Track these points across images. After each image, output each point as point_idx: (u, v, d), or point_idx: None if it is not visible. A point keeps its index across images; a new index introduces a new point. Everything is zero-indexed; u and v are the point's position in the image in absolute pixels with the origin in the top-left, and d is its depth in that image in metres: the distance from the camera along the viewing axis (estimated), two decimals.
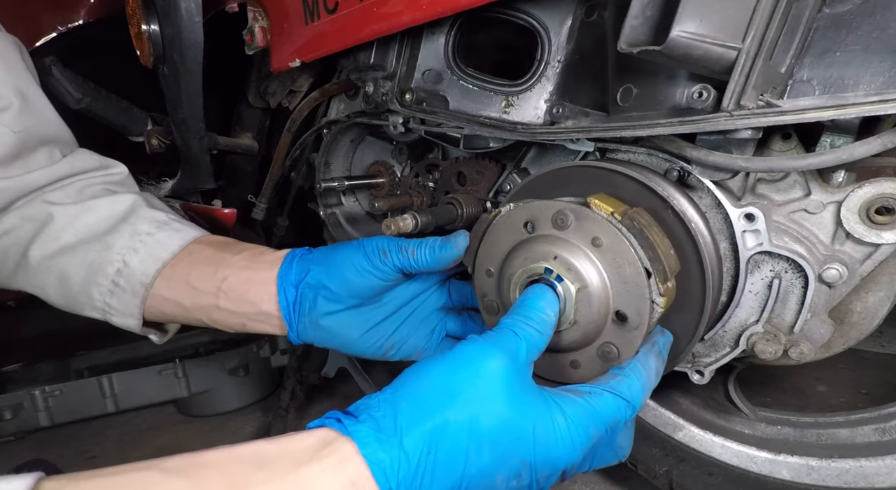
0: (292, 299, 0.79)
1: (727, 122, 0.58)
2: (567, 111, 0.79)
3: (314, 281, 0.78)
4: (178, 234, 0.85)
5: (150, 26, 1.02)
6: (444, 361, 0.55)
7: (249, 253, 0.83)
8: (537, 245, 0.66)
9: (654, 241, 0.60)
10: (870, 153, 0.58)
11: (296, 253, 0.81)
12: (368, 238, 0.78)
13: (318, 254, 0.80)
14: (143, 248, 0.82)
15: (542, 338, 0.60)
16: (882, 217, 0.65)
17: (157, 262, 0.82)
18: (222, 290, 0.80)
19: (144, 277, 0.81)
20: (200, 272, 0.81)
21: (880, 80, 0.56)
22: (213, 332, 1.80)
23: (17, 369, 1.56)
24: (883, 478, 0.74)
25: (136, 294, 0.82)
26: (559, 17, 0.80)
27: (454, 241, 0.73)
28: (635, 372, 0.62)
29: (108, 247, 0.82)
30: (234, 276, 0.80)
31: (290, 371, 1.42)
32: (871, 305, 0.73)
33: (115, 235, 0.83)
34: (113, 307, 0.83)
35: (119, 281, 0.82)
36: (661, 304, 0.61)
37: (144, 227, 0.84)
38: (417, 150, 1.14)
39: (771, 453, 0.83)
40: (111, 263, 0.82)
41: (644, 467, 0.93)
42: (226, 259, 0.82)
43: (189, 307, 0.83)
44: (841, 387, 1.41)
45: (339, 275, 0.77)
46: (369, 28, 0.83)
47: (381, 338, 0.82)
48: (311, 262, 0.79)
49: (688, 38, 0.53)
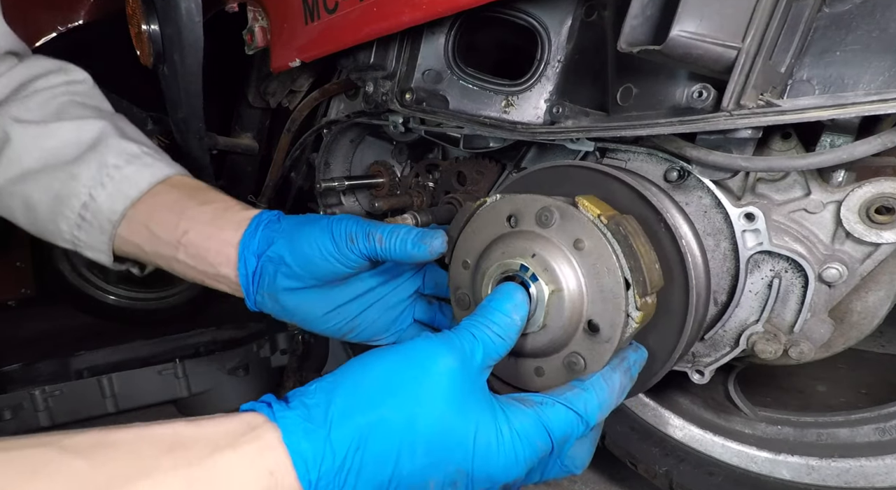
0: (252, 269, 0.75)
1: (727, 122, 0.58)
2: (567, 111, 0.79)
3: (276, 255, 0.73)
4: (149, 169, 0.80)
5: (150, 26, 1.03)
6: (391, 355, 0.53)
7: (215, 207, 0.78)
8: (517, 240, 0.63)
9: (638, 252, 0.57)
10: (870, 153, 0.58)
11: (262, 218, 0.76)
12: (339, 218, 0.72)
13: (286, 224, 0.74)
14: (110, 183, 0.77)
15: (504, 344, 0.57)
16: (882, 216, 0.65)
17: (124, 200, 0.77)
18: (182, 243, 0.76)
19: (112, 214, 0.77)
20: (161, 219, 0.77)
21: (880, 80, 0.56)
22: (213, 331, 1.80)
23: (17, 369, 1.56)
24: (883, 477, 0.74)
25: (104, 231, 0.78)
26: (559, 16, 0.81)
27: (429, 243, 0.67)
28: (595, 387, 0.58)
29: (74, 177, 0.77)
30: (195, 231, 0.76)
31: (290, 371, 1.42)
32: (871, 305, 0.73)
33: (81, 166, 0.78)
34: (81, 241, 0.80)
35: (86, 215, 0.78)
36: (637, 319, 0.58)
37: (113, 159, 0.79)
38: (417, 150, 1.14)
39: (771, 453, 0.83)
40: (77, 196, 0.77)
41: (644, 467, 0.93)
42: (189, 209, 0.77)
43: (149, 252, 0.79)
44: (841, 387, 1.41)
45: (303, 255, 0.71)
46: (369, 28, 0.83)
47: (342, 320, 0.78)
48: (277, 234, 0.74)
49: (687, 37, 0.53)
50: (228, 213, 0.77)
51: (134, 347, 1.72)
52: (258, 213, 0.77)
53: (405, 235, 0.68)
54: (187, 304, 2.56)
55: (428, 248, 0.67)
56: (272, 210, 0.78)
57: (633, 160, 0.76)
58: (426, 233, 0.68)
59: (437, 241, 0.68)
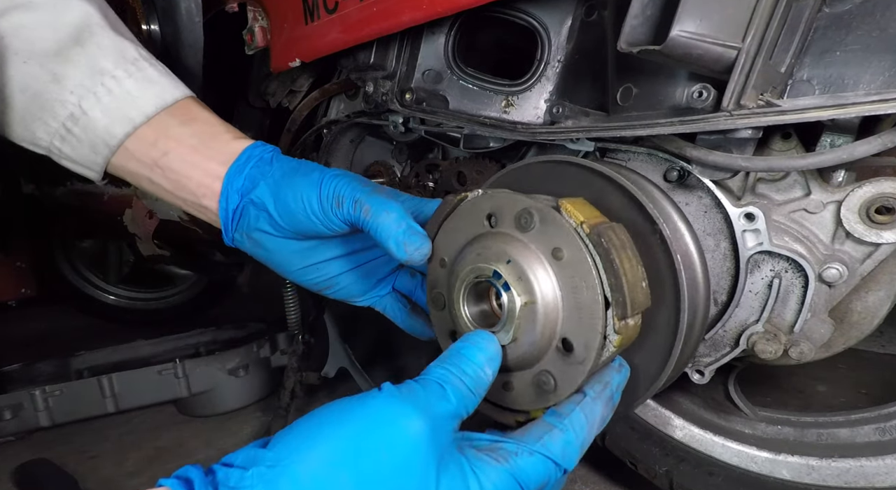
0: (233, 207, 0.69)
1: (727, 122, 0.58)
2: (567, 111, 0.79)
3: (258, 201, 0.68)
4: (154, 88, 0.69)
5: (150, 26, 1.03)
6: (348, 424, 0.44)
7: (200, 129, 0.70)
8: (495, 243, 0.58)
9: (621, 268, 0.51)
10: (870, 153, 0.58)
11: (252, 155, 0.69)
12: (333, 175, 0.66)
13: (277, 168, 0.68)
14: (107, 99, 0.67)
15: (474, 400, 0.51)
16: (882, 216, 0.65)
17: (126, 124, 0.67)
18: (160, 166, 0.69)
19: (110, 138, 0.68)
20: (139, 135, 0.68)
21: (880, 80, 0.56)
22: (213, 331, 1.80)
23: (17, 369, 1.56)
24: (883, 477, 0.74)
25: (97, 152, 0.69)
26: (559, 16, 0.81)
27: (410, 252, 0.60)
28: (575, 426, 0.53)
29: (58, 79, 0.65)
30: (176, 156, 0.68)
31: (290, 371, 1.42)
32: (871, 305, 0.73)
33: (65, 64, 0.66)
34: (64, 153, 0.70)
35: (73, 129, 0.67)
36: (615, 342, 0.52)
37: (108, 64, 0.67)
38: (417, 150, 1.14)
39: (771, 453, 0.83)
40: (62, 104, 0.66)
41: (644, 467, 0.93)
42: (171, 127, 0.69)
43: (116, 165, 0.71)
44: (841, 387, 1.41)
45: (286, 207, 0.66)
46: (369, 28, 0.83)
47: (319, 277, 0.74)
48: (264, 177, 0.68)
49: (688, 37, 0.53)
50: (217, 139, 0.70)
51: (134, 347, 1.72)
52: (250, 146, 0.70)
53: (393, 225, 0.61)
54: (187, 304, 2.57)
55: (407, 256, 0.61)
56: (266, 145, 0.72)
57: (633, 160, 0.76)
58: (413, 234, 0.61)
59: (419, 251, 0.61)
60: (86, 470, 1.35)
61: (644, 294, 0.54)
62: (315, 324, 1.42)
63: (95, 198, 1.78)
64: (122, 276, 2.50)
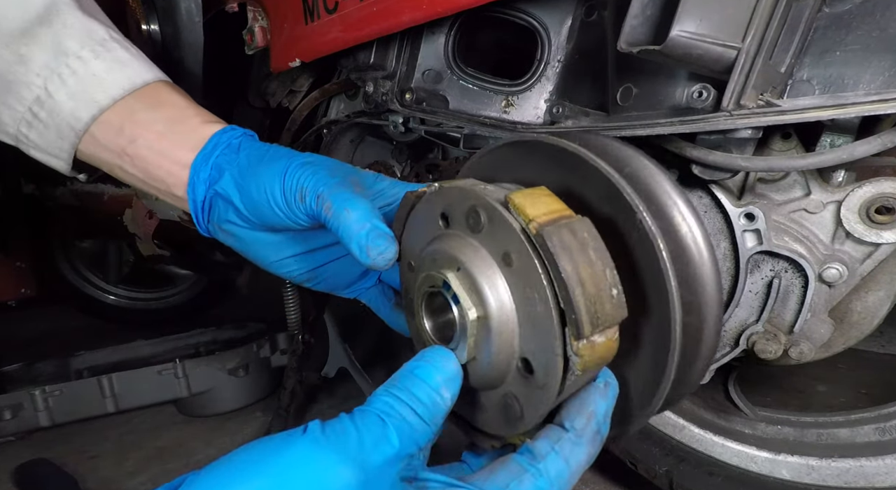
0: (200, 198, 0.66)
1: (727, 122, 0.58)
2: (567, 111, 0.79)
3: (223, 192, 0.63)
4: (124, 70, 0.66)
5: (150, 26, 1.03)
6: (256, 475, 0.37)
7: (168, 114, 0.66)
8: (448, 246, 0.50)
9: (576, 276, 0.41)
10: (870, 153, 0.58)
11: (220, 141, 0.65)
12: (299, 164, 0.60)
13: (244, 157, 0.63)
14: (72, 80, 0.63)
15: (428, 431, 0.43)
16: (882, 216, 0.65)
17: (92, 107, 0.64)
18: (128, 153, 0.65)
19: (75, 122, 0.64)
20: (104, 120, 0.65)
21: (880, 80, 0.56)
22: (213, 331, 1.80)
23: (17, 369, 1.56)
24: (883, 477, 0.74)
25: (64, 137, 0.65)
26: (559, 16, 0.81)
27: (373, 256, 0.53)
28: (551, 472, 0.44)
29: (24, 61, 0.62)
30: (144, 143, 0.65)
31: (290, 371, 1.42)
32: (871, 305, 0.73)
33: (31, 45, 0.62)
34: (31, 141, 0.67)
35: (39, 113, 0.64)
36: (579, 365, 0.42)
37: (73, 44, 0.64)
38: (417, 150, 1.14)
39: (771, 453, 0.83)
40: (28, 87, 0.63)
41: (644, 467, 0.93)
42: (137, 113, 0.65)
43: (86, 153, 0.68)
44: (841, 387, 1.41)
45: (251, 199, 0.61)
46: (369, 28, 0.83)
47: (298, 269, 0.69)
48: (230, 166, 0.63)
49: (687, 37, 0.53)
50: (184, 126, 0.66)
51: (134, 347, 1.72)
52: (219, 131, 0.66)
53: (355, 225, 0.54)
54: (187, 304, 2.57)
55: (370, 261, 0.53)
56: (238, 128, 0.67)
57: None
58: (377, 237, 0.53)
59: (383, 256, 0.53)
60: (86, 470, 1.35)
61: (615, 304, 0.43)
62: (315, 324, 1.42)
63: (95, 198, 1.78)
64: (122, 276, 2.50)
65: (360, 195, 0.57)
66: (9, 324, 2.48)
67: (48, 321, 2.53)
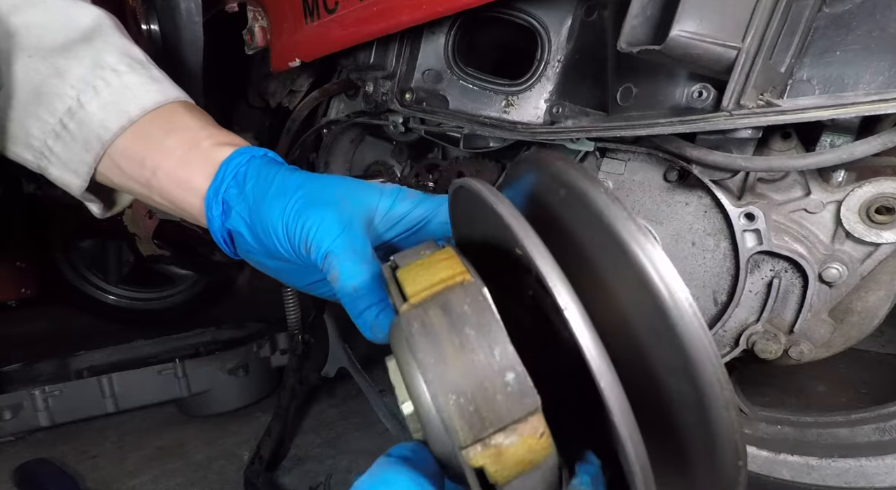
0: (219, 234, 0.63)
1: (727, 122, 0.58)
2: (567, 111, 0.79)
3: (235, 231, 0.61)
4: (157, 85, 0.65)
5: (149, 26, 1.03)
6: None
7: (182, 141, 0.64)
8: None
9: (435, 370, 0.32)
10: (870, 152, 0.58)
11: (227, 172, 0.61)
12: (295, 207, 0.55)
13: (249, 191, 0.59)
14: (106, 92, 0.63)
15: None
16: (882, 216, 0.65)
17: (121, 117, 0.62)
18: (154, 186, 0.64)
19: (104, 132, 0.62)
20: (126, 152, 0.64)
21: (880, 80, 0.56)
22: (213, 331, 1.80)
23: (17, 369, 1.56)
24: (883, 477, 0.74)
25: (90, 148, 0.63)
26: (559, 16, 0.81)
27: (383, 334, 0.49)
28: None
29: (60, 73, 0.62)
30: (164, 174, 0.63)
31: (290, 371, 1.42)
32: (871, 305, 0.73)
33: (70, 59, 0.62)
34: (55, 154, 0.65)
35: (69, 124, 0.63)
36: (494, 476, 0.32)
37: (112, 59, 0.64)
38: (417, 150, 1.14)
39: (771, 453, 0.83)
40: (61, 98, 0.62)
41: None
42: (153, 140, 0.63)
43: (121, 186, 0.67)
44: (841, 387, 1.41)
45: (260, 241, 0.59)
46: (369, 28, 0.83)
47: (331, 292, 0.62)
48: (236, 204, 0.60)
49: (687, 37, 0.53)
50: (197, 152, 0.64)
51: (134, 347, 1.72)
52: (225, 160, 0.62)
53: (361, 303, 0.51)
54: (187, 304, 2.57)
55: (375, 340, 0.51)
56: (245, 152, 0.63)
57: (633, 160, 0.76)
58: (384, 319, 0.50)
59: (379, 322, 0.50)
60: (86, 470, 1.35)
61: (512, 393, 0.32)
62: (315, 324, 1.42)
63: None
64: (122, 276, 2.50)
65: (368, 264, 0.52)
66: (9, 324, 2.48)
67: (48, 321, 2.52)
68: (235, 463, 1.34)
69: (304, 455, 1.36)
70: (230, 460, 1.36)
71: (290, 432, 1.40)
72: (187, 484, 1.26)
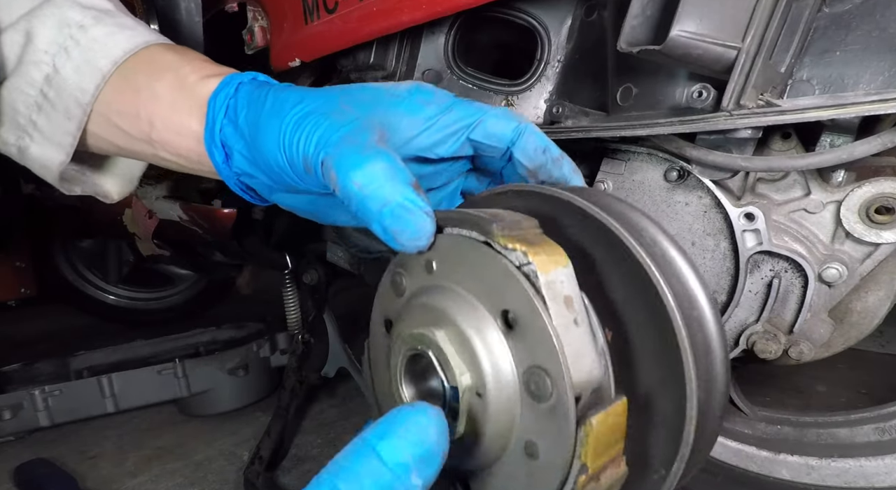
0: (234, 184, 0.58)
1: (727, 122, 0.58)
2: (567, 111, 0.79)
3: (241, 171, 0.56)
4: (125, 32, 0.59)
5: (149, 26, 1.03)
6: None
7: (170, 82, 0.58)
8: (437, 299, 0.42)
9: None
10: (869, 152, 0.58)
11: (217, 109, 0.55)
12: (292, 123, 0.48)
13: (242, 123, 0.53)
14: (76, 52, 0.57)
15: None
16: (882, 216, 0.65)
17: (95, 75, 0.57)
18: (156, 140, 0.59)
19: (81, 94, 0.58)
20: (122, 108, 0.59)
21: (880, 80, 0.56)
22: (213, 331, 1.81)
23: (17, 369, 1.56)
24: (883, 477, 0.74)
25: (71, 115, 0.58)
26: (559, 16, 0.81)
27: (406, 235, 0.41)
28: None
29: (31, 39, 0.57)
30: (162, 124, 0.58)
31: (290, 371, 1.42)
32: (870, 305, 0.73)
33: (35, 21, 0.57)
34: (38, 129, 0.60)
35: (49, 93, 0.58)
36: None
37: (76, 15, 0.58)
38: None
39: (771, 452, 0.83)
40: (38, 65, 0.57)
41: None
42: (143, 88, 0.58)
43: (126, 149, 0.62)
44: (841, 387, 1.41)
45: (270, 176, 0.53)
46: (369, 28, 0.83)
47: None
48: (235, 144, 0.54)
49: (687, 37, 0.53)
50: (184, 92, 0.58)
51: (134, 347, 1.72)
52: (211, 96, 0.56)
53: (372, 203, 0.42)
54: (187, 304, 2.57)
55: (402, 248, 0.43)
56: (230, 80, 0.58)
57: (633, 160, 0.76)
58: (404, 214, 0.41)
59: (416, 242, 0.42)
60: (86, 470, 1.35)
61: None
62: (315, 324, 1.42)
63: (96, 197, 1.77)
64: (122, 275, 2.50)
65: (373, 151, 0.43)
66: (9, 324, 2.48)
67: (48, 321, 2.53)
68: (235, 463, 1.34)
69: (304, 455, 1.36)
70: (230, 460, 1.36)
71: (290, 432, 1.40)
72: (187, 484, 1.26)
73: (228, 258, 1.74)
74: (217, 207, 1.27)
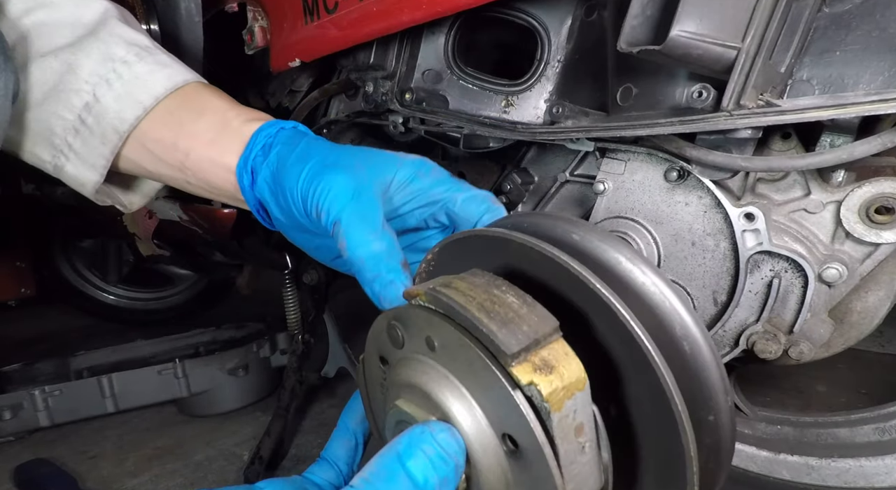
0: (253, 205, 0.66)
1: (727, 122, 0.58)
2: (567, 111, 0.79)
3: (261, 196, 0.63)
4: (164, 71, 0.67)
5: (150, 26, 1.03)
6: None
7: (213, 120, 0.67)
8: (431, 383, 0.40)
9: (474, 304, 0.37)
10: (869, 153, 0.58)
11: (256, 142, 0.64)
12: (310, 172, 0.56)
13: (273, 159, 0.61)
14: (118, 84, 0.64)
15: None
16: (882, 216, 0.65)
17: (136, 107, 0.65)
18: (188, 167, 0.66)
19: (120, 123, 0.65)
20: (158, 137, 0.66)
21: (880, 80, 0.56)
22: (213, 331, 1.81)
23: (17, 369, 1.56)
24: (883, 477, 0.74)
25: (107, 140, 0.66)
26: (559, 16, 0.81)
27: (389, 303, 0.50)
28: None
29: (73, 69, 0.64)
30: (197, 155, 0.65)
31: (290, 371, 1.42)
32: (870, 305, 0.73)
33: (80, 54, 0.64)
34: (73, 150, 0.67)
35: (87, 119, 0.65)
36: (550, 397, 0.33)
37: (120, 51, 0.66)
38: (417, 150, 1.14)
39: (771, 453, 0.83)
40: (78, 93, 0.64)
41: None
42: (186, 123, 0.66)
43: (153, 172, 0.70)
44: (841, 387, 1.41)
45: (282, 209, 0.60)
46: (369, 28, 0.83)
47: None
48: (261, 172, 0.62)
49: (687, 37, 0.53)
50: (227, 131, 0.66)
51: (134, 347, 1.72)
52: (254, 134, 0.65)
53: (368, 274, 0.52)
54: (187, 304, 2.57)
55: (384, 307, 0.51)
56: (274, 124, 0.66)
57: (633, 160, 0.76)
58: (389, 286, 0.51)
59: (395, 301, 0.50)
60: (86, 470, 1.36)
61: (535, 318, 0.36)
62: (315, 324, 1.43)
63: None
64: (122, 276, 2.50)
65: (378, 235, 0.53)
66: (9, 324, 2.48)
67: (48, 321, 2.53)
68: (235, 463, 1.34)
69: (304, 455, 1.36)
70: (230, 460, 1.36)
71: (290, 432, 1.40)
72: (187, 484, 1.26)
73: (228, 258, 1.74)
74: (217, 207, 1.27)
